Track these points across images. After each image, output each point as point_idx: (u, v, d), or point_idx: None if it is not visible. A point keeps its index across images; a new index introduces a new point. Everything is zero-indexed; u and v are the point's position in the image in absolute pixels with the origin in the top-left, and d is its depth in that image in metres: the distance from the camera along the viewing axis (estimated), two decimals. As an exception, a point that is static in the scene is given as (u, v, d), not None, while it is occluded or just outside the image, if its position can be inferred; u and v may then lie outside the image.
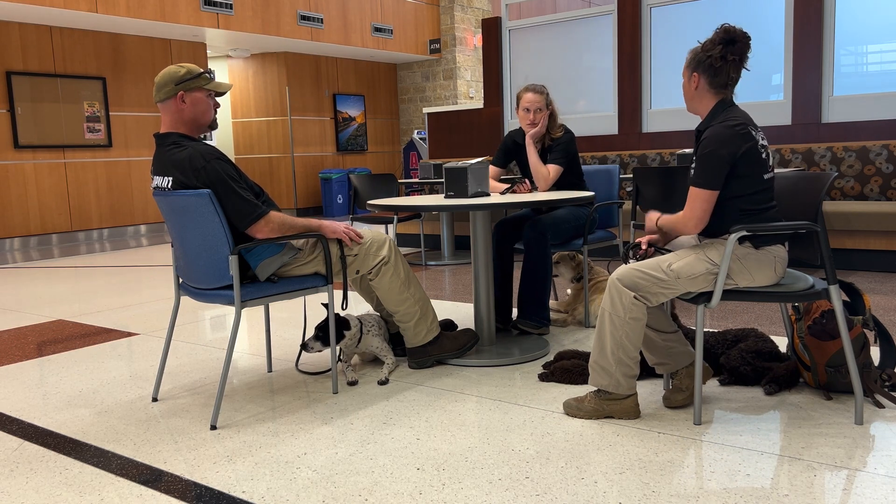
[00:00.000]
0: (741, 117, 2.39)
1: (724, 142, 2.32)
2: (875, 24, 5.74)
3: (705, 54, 2.42)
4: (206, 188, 2.57)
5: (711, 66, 2.41)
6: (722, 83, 2.43)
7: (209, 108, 2.73)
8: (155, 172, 2.72)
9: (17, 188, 8.87)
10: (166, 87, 2.66)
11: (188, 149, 2.62)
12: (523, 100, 3.66)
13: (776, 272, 2.40)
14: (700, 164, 2.36)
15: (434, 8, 13.20)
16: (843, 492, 1.92)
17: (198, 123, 2.72)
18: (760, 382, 2.74)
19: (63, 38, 9.21)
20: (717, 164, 2.32)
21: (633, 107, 6.79)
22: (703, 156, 2.35)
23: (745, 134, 2.34)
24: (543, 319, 3.60)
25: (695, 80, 2.46)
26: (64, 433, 2.59)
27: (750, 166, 2.35)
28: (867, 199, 5.42)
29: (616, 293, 2.41)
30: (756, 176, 2.37)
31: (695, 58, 2.45)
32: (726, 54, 2.38)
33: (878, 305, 3.99)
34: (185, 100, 2.67)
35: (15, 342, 4.03)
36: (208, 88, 2.71)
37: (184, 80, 2.66)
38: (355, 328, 3.09)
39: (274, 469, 2.21)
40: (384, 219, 6.18)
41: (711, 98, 2.46)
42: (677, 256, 2.42)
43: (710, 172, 2.34)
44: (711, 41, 2.42)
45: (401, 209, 3.09)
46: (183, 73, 2.67)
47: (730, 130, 2.33)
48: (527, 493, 1.98)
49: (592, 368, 2.49)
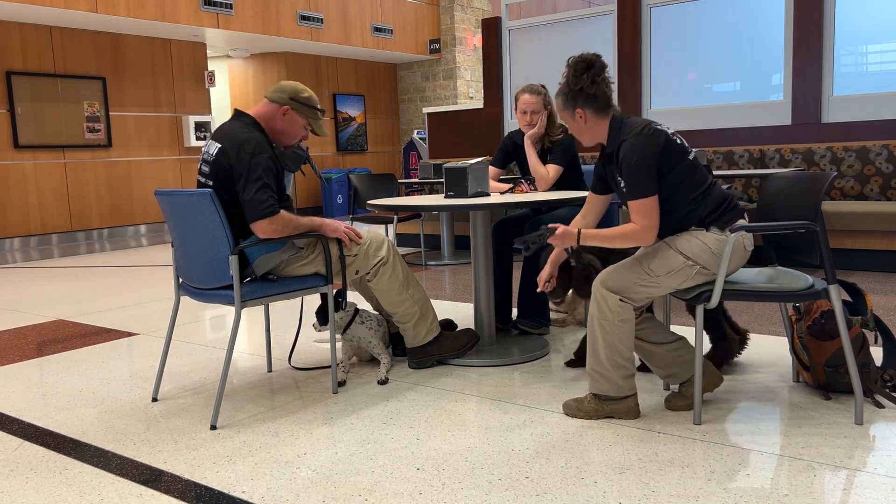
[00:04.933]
0: (640, 122, 2.42)
1: (642, 148, 2.34)
2: (875, 24, 5.74)
3: (576, 88, 2.47)
4: (239, 172, 2.65)
5: (587, 94, 2.46)
6: (605, 103, 2.48)
7: (297, 135, 2.89)
8: (212, 138, 2.80)
9: (17, 188, 8.87)
10: (283, 94, 2.83)
11: (252, 134, 2.71)
12: (520, 101, 3.66)
13: (746, 249, 2.44)
14: (631, 178, 2.36)
15: (434, 8, 13.20)
16: (843, 492, 1.92)
17: (279, 136, 2.87)
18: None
19: (63, 38, 9.21)
20: (646, 172, 2.34)
21: (633, 107, 6.79)
22: (629, 168, 2.36)
23: (654, 132, 2.37)
24: (543, 319, 3.61)
25: (581, 116, 2.50)
26: (64, 433, 2.60)
27: (673, 157, 2.38)
28: (867, 199, 5.42)
29: (601, 298, 2.41)
30: (683, 163, 2.39)
31: (568, 96, 2.50)
32: (594, 78, 2.45)
33: (878, 305, 3.99)
34: (286, 114, 2.83)
35: (15, 342, 4.03)
36: (310, 120, 2.88)
37: (298, 100, 2.84)
38: (346, 314, 3.10)
39: (274, 469, 2.21)
40: (384, 219, 6.18)
41: (603, 122, 2.50)
42: (649, 257, 2.42)
43: (643, 181, 2.35)
44: (573, 75, 2.48)
45: (401, 209, 3.09)
46: (304, 96, 2.85)
47: (641, 138, 2.36)
48: (527, 493, 1.98)
49: (590, 375, 2.50)
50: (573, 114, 2.51)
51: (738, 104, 6.26)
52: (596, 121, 2.50)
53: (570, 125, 2.55)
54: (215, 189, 2.67)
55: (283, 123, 2.84)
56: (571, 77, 2.49)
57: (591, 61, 2.47)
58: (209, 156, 2.73)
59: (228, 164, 2.67)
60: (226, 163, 2.68)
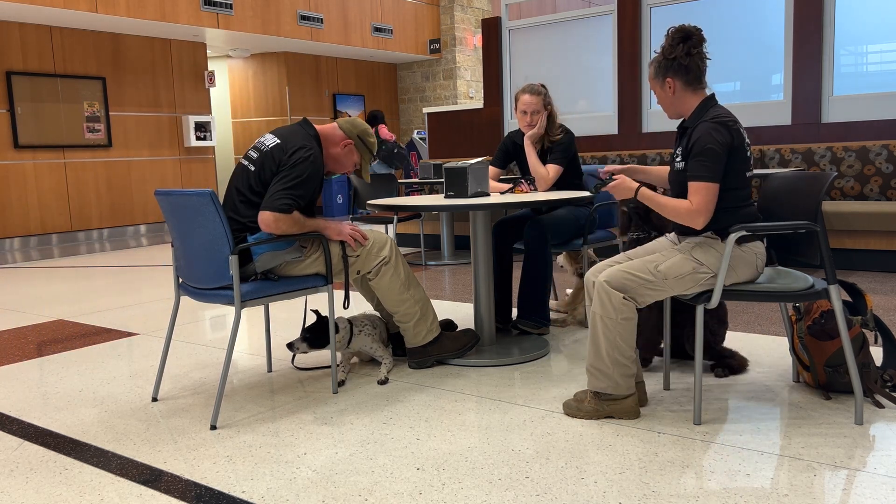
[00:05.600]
0: (728, 113, 2.43)
1: (723, 135, 2.35)
2: (875, 24, 5.74)
3: (670, 57, 2.45)
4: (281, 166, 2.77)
5: (681, 65, 2.45)
6: (696, 78, 2.47)
7: (346, 167, 3.06)
8: (272, 133, 2.93)
9: (17, 188, 8.87)
10: (354, 129, 3.03)
11: (313, 146, 2.86)
12: (520, 102, 3.66)
13: (757, 269, 2.45)
14: (702, 158, 2.36)
15: (434, 8, 13.20)
16: (843, 492, 1.92)
17: (330, 161, 3.01)
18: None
19: (63, 38, 9.21)
20: (717, 158, 2.35)
21: (633, 107, 6.79)
22: (703, 149, 2.35)
23: (738, 130, 2.39)
24: (543, 319, 3.60)
25: (670, 86, 2.49)
26: (64, 433, 2.60)
27: (738, 162, 2.39)
28: (867, 199, 5.42)
29: (605, 295, 2.41)
30: (741, 172, 2.40)
31: (661, 64, 2.49)
32: (689, 49, 2.43)
33: (878, 305, 3.99)
34: (347, 146, 3.01)
35: (15, 342, 4.03)
36: (362, 157, 3.07)
37: (364, 141, 3.05)
38: (344, 330, 3.08)
39: (274, 469, 2.21)
40: (384, 219, 6.18)
41: (692, 96, 2.49)
42: (663, 257, 2.43)
43: (713, 165, 2.35)
44: (669, 44, 2.46)
45: (401, 209, 3.09)
46: (370, 140, 3.07)
47: (725, 126, 2.36)
48: (527, 493, 1.98)
49: (589, 372, 2.50)
50: (663, 83, 2.50)
51: (738, 104, 6.26)
52: (684, 93, 2.48)
53: (659, 94, 2.54)
54: (255, 175, 2.80)
55: (341, 152, 3.00)
56: (667, 46, 2.46)
57: (689, 32, 2.45)
58: (264, 146, 2.86)
59: (277, 161, 2.79)
60: (277, 158, 2.79)
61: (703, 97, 2.49)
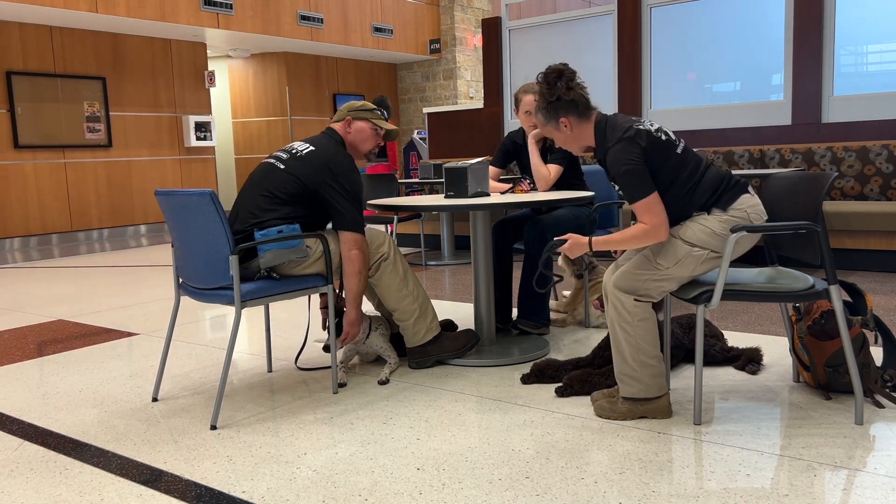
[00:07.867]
0: (622, 122, 2.42)
1: (627, 154, 2.35)
2: (875, 24, 5.74)
3: (553, 98, 2.48)
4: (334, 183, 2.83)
5: (567, 101, 2.47)
6: (585, 106, 2.49)
7: (369, 138, 3.05)
8: (304, 140, 2.98)
9: (17, 188, 8.87)
10: (342, 111, 3.03)
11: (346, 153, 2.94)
12: (523, 102, 3.66)
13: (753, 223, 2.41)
14: (625, 185, 2.37)
15: (434, 8, 13.20)
16: (843, 492, 1.92)
17: (356, 149, 3.05)
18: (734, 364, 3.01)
19: (63, 38, 9.21)
20: (637, 176, 2.35)
21: (632, 107, 6.79)
22: (620, 178, 2.37)
23: (636, 134, 2.37)
24: (543, 319, 3.61)
25: (566, 125, 2.50)
26: (64, 433, 2.60)
27: (660, 153, 2.38)
28: (867, 199, 5.42)
29: (617, 301, 2.41)
30: (672, 157, 2.39)
31: (548, 109, 2.50)
32: (567, 84, 2.47)
33: (878, 305, 3.99)
34: (350, 126, 3.02)
35: (15, 342, 4.03)
36: (374, 122, 3.04)
37: (353, 108, 3.03)
38: (365, 323, 3.10)
39: (274, 469, 2.21)
40: (384, 219, 6.18)
41: (588, 124, 2.51)
42: (656, 251, 2.42)
43: (638, 185, 2.35)
44: (547, 87, 2.49)
45: (401, 209, 3.09)
46: (358, 105, 3.05)
47: (623, 143, 2.37)
48: (527, 493, 1.98)
49: (620, 380, 2.48)
50: (558, 125, 2.51)
51: (738, 104, 6.26)
52: (581, 126, 2.50)
53: (558, 137, 2.55)
54: (284, 172, 2.84)
55: (353, 134, 3.02)
56: (546, 90, 2.49)
57: (559, 69, 2.50)
58: (297, 151, 2.91)
59: (311, 170, 2.83)
60: (313, 165, 2.84)
61: (594, 121, 2.49)
